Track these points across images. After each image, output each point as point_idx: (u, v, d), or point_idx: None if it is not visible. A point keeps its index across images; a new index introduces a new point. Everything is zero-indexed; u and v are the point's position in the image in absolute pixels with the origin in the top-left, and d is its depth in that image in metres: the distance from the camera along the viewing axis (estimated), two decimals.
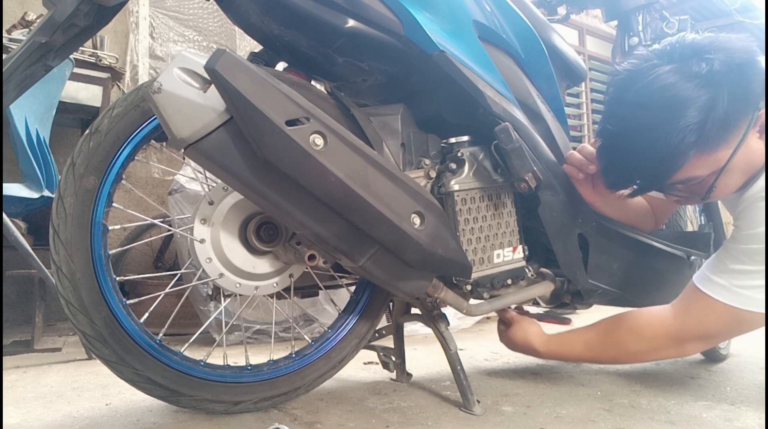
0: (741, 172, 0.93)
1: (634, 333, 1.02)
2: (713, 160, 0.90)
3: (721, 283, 0.91)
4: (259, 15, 0.91)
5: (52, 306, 2.24)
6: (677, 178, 0.94)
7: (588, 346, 1.06)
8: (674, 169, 0.91)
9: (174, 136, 0.77)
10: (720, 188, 0.94)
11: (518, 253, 1.10)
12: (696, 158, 0.90)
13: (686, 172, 0.92)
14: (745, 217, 0.92)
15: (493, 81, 1.02)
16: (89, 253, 0.90)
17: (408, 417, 1.02)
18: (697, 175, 0.93)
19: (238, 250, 0.98)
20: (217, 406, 0.99)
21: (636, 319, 1.03)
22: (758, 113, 0.89)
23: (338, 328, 1.12)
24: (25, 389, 1.25)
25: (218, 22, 2.97)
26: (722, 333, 0.97)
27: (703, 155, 0.90)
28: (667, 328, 0.98)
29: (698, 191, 0.96)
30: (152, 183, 2.62)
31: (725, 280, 0.91)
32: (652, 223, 1.25)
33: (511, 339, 1.16)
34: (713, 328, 0.95)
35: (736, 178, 0.94)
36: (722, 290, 0.91)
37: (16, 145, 1.64)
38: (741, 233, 0.92)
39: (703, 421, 1.01)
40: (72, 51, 0.89)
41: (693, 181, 0.94)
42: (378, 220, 0.83)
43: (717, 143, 0.89)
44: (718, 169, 0.91)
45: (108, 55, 2.21)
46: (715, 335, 0.97)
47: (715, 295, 0.92)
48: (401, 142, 1.00)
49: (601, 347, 1.05)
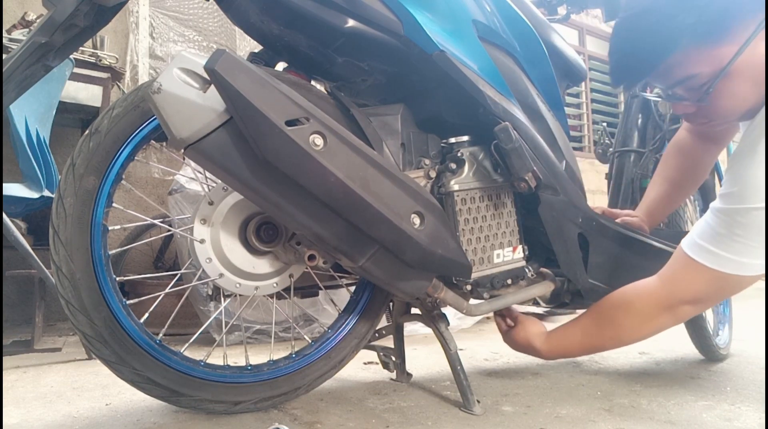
0: (749, 81, 0.86)
1: (623, 307, 0.99)
2: (715, 57, 0.85)
3: (708, 249, 0.88)
4: (258, 15, 0.91)
5: (52, 306, 2.25)
6: (677, 76, 0.90)
7: (585, 333, 1.04)
8: (668, 54, 0.87)
9: (174, 136, 0.77)
10: (722, 94, 0.88)
11: (518, 253, 1.10)
12: (695, 50, 0.86)
13: (686, 66, 0.88)
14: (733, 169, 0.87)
15: (493, 81, 1.02)
16: (89, 253, 0.90)
17: (408, 417, 1.02)
18: (697, 73, 0.88)
19: (237, 251, 0.98)
20: (217, 406, 0.99)
21: (624, 294, 1.01)
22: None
23: (338, 328, 1.12)
24: (25, 389, 1.25)
25: (218, 22, 2.97)
26: (711, 297, 0.94)
27: (703, 48, 0.85)
28: (656, 296, 0.95)
29: (699, 95, 0.91)
30: (152, 183, 2.63)
31: (713, 246, 0.88)
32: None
33: (513, 339, 1.15)
34: (701, 292, 0.92)
35: (743, 88, 0.87)
36: (709, 255, 0.88)
37: (16, 145, 1.64)
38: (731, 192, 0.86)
39: (703, 421, 1.01)
40: (72, 51, 0.89)
41: (693, 79, 0.89)
42: (378, 220, 0.83)
43: (718, 36, 0.84)
44: (720, 68, 0.85)
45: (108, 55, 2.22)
46: (704, 299, 0.94)
47: (702, 260, 0.89)
48: (401, 142, 1.00)
49: (598, 330, 1.03)
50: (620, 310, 1.00)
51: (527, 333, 1.11)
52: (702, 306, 0.96)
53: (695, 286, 0.92)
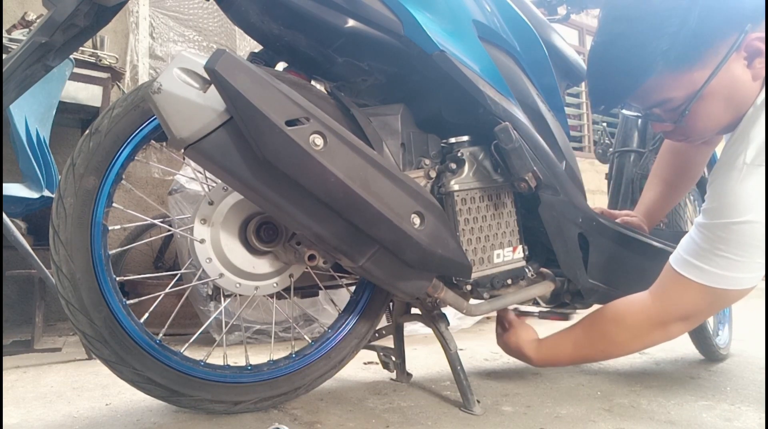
0: (723, 101, 0.88)
1: (615, 322, 1.00)
2: (688, 81, 0.87)
3: (694, 263, 0.89)
4: (259, 15, 0.91)
5: (52, 306, 2.24)
6: (653, 99, 0.92)
7: (577, 344, 1.05)
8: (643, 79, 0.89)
9: (174, 136, 0.77)
10: (697, 116, 0.90)
11: (518, 253, 1.10)
12: (669, 76, 0.87)
13: (661, 91, 0.90)
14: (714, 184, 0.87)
15: (493, 81, 1.02)
16: (89, 253, 0.90)
17: (408, 417, 1.02)
18: (672, 97, 0.90)
19: (238, 250, 0.98)
20: (217, 406, 0.99)
21: (616, 309, 1.01)
22: (744, 36, 0.83)
23: (338, 328, 1.12)
24: (25, 389, 1.25)
25: (218, 22, 2.97)
26: (702, 312, 0.95)
27: (677, 73, 0.87)
28: (648, 313, 0.96)
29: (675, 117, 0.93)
30: (152, 183, 2.63)
31: (698, 261, 0.88)
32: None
33: (506, 344, 1.15)
34: (692, 308, 0.93)
35: (717, 108, 0.89)
36: (695, 270, 0.88)
37: (16, 145, 1.64)
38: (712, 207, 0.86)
39: (703, 421, 1.01)
40: (72, 51, 0.89)
41: (668, 103, 0.91)
42: (378, 220, 0.83)
43: (691, 61, 0.85)
44: (693, 91, 0.87)
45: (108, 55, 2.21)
46: (696, 315, 0.95)
47: (689, 275, 0.89)
48: (401, 142, 1.00)
49: (589, 343, 1.04)
50: (612, 325, 1.01)
51: (519, 339, 1.11)
52: (693, 322, 0.97)
53: (685, 302, 0.93)
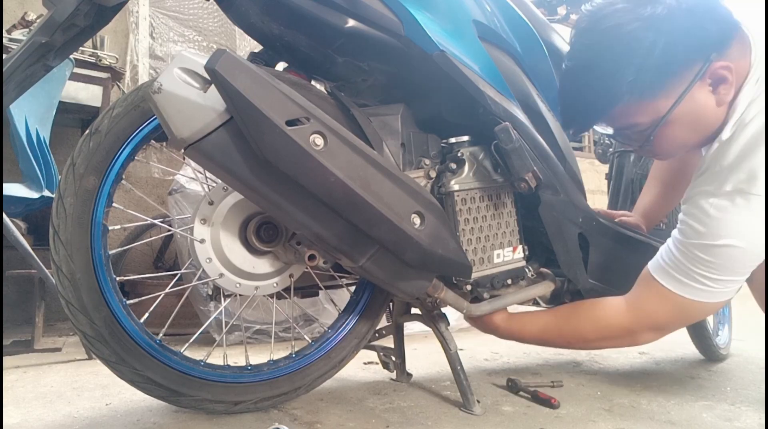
0: (688, 125, 0.90)
1: (589, 322, 1.02)
2: (653, 109, 0.89)
3: (673, 275, 0.90)
4: (259, 15, 0.91)
5: (52, 306, 2.24)
6: (621, 123, 0.94)
7: (545, 329, 1.07)
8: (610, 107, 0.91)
9: (174, 136, 0.77)
10: (663, 139, 0.92)
11: (518, 253, 1.10)
12: (635, 103, 0.89)
13: (628, 117, 0.91)
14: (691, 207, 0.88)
15: (494, 81, 1.02)
16: (89, 253, 0.90)
17: (408, 417, 1.02)
18: (639, 122, 0.92)
19: (238, 250, 0.98)
20: (217, 406, 0.99)
21: (593, 309, 1.03)
22: (709, 65, 0.85)
23: (338, 328, 1.12)
24: (25, 389, 1.25)
25: (218, 22, 2.97)
26: (674, 323, 0.97)
27: (643, 101, 0.88)
28: (621, 319, 0.98)
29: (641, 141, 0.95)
30: (152, 183, 2.62)
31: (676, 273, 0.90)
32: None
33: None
34: (666, 319, 0.95)
35: (682, 132, 0.91)
36: (673, 281, 0.90)
37: (16, 145, 1.64)
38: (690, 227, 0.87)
39: (703, 421, 1.01)
40: (72, 51, 0.89)
41: (635, 128, 0.93)
42: (378, 220, 0.83)
43: (655, 90, 0.87)
44: (659, 117, 0.89)
45: (108, 55, 2.21)
46: (667, 325, 0.97)
47: (667, 284, 0.91)
48: (401, 142, 1.00)
49: (557, 332, 1.06)
50: (586, 323, 1.03)
51: None
52: (664, 332, 0.99)
53: (660, 313, 0.94)
